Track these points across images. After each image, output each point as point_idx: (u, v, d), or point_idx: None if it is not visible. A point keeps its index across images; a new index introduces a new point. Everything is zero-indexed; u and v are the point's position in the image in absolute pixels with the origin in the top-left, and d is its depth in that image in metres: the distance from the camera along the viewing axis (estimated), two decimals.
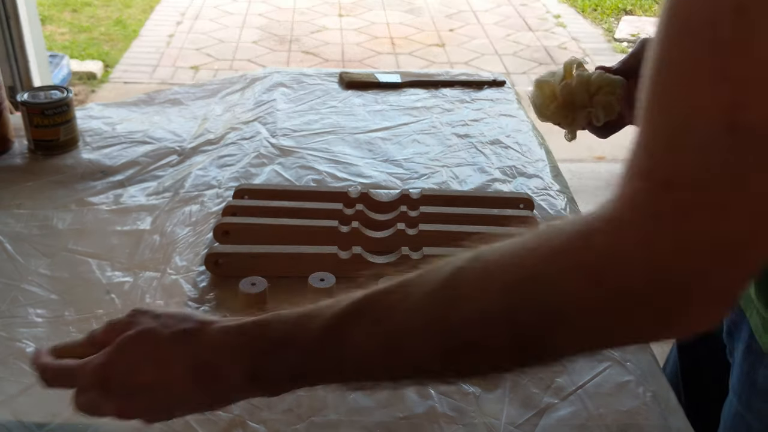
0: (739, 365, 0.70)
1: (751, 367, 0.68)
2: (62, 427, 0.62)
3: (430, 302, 0.44)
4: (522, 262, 0.41)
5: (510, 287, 0.41)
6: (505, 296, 0.41)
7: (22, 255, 0.84)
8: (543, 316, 0.40)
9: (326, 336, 0.46)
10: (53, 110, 1.05)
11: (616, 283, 0.37)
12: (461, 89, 1.37)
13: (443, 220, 0.89)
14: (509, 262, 0.42)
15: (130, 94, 1.50)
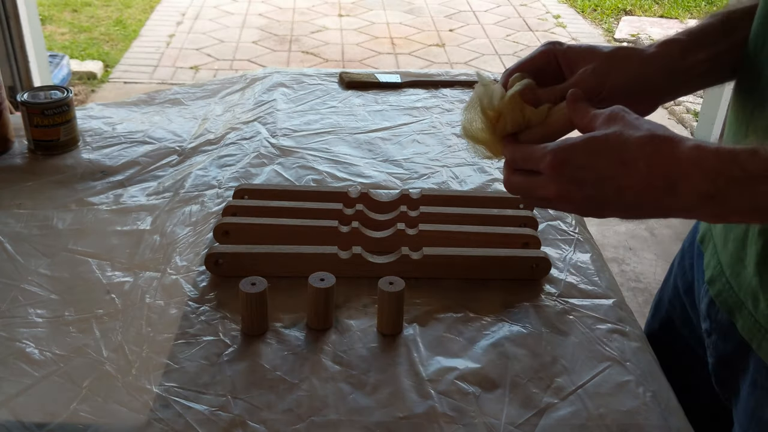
0: (745, 402, 0.69)
1: (758, 403, 0.67)
2: (62, 427, 0.62)
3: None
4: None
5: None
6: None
7: (22, 255, 0.84)
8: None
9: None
10: (53, 110, 1.05)
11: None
12: (461, 89, 1.37)
13: (443, 220, 0.89)
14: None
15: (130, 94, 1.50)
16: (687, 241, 0.86)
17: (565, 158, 0.55)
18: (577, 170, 0.55)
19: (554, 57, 0.66)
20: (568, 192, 0.56)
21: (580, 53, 0.66)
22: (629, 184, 0.53)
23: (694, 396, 0.78)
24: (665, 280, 0.91)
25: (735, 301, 0.68)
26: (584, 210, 0.58)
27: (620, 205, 0.55)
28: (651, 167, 0.52)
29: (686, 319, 0.83)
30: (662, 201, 0.53)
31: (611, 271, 0.88)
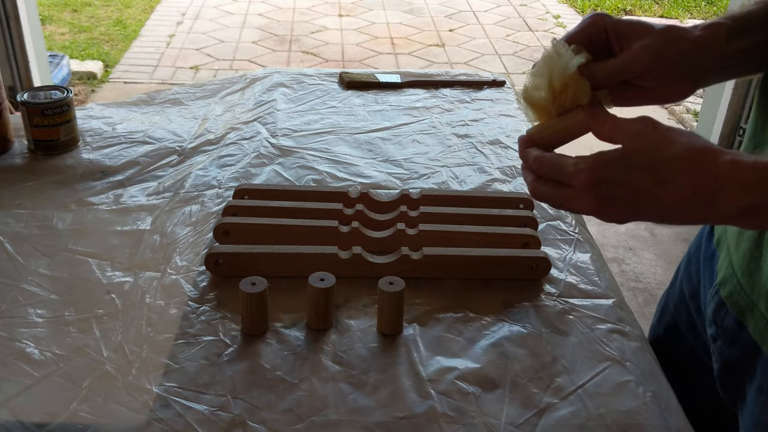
0: (751, 408, 0.69)
1: (764, 409, 0.66)
2: (62, 427, 0.62)
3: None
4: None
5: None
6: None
7: (22, 255, 0.84)
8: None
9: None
10: (53, 110, 1.05)
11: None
12: (461, 89, 1.37)
13: (443, 220, 0.89)
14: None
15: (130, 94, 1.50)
16: (693, 245, 0.85)
17: (601, 177, 0.55)
18: (612, 188, 0.55)
19: (604, 29, 0.64)
20: (604, 208, 0.56)
21: (632, 27, 0.64)
22: (667, 199, 0.53)
23: (698, 401, 0.78)
24: (671, 285, 0.91)
25: (747, 302, 0.67)
26: (620, 221, 0.58)
27: (657, 217, 0.56)
28: (688, 183, 0.52)
29: (691, 324, 0.83)
30: (700, 214, 0.54)
31: (611, 271, 0.88)
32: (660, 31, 0.63)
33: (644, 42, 0.62)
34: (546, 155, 0.60)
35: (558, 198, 0.59)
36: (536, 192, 0.61)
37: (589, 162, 0.55)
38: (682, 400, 0.69)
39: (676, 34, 0.63)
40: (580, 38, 0.65)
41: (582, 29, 0.65)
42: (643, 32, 0.63)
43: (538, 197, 0.61)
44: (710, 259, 0.78)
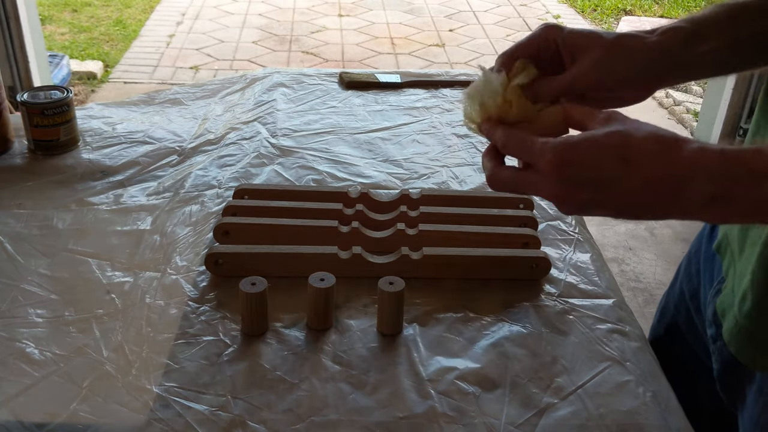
0: (751, 409, 0.68)
1: (763, 410, 0.66)
2: (62, 427, 0.62)
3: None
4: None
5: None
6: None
7: (22, 255, 0.84)
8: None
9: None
10: (53, 110, 1.05)
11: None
12: (461, 89, 1.37)
13: (443, 220, 0.89)
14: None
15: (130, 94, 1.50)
16: (694, 246, 0.85)
17: (569, 159, 0.52)
18: (579, 170, 0.52)
19: (554, 41, 0.63)
20: (566, 194, 0.53)
21: (581, 40, 0.63)
22: (632, 186, 0.51)
23: (698, 402, 0.78)
24: (671, 285, 0.91)
25: (729, 303, 0.68)
26: (578, 211, 0.55)
27: (619, 207, 0.53)
28: (655, 168, 0.51)
29: (691, 324, 0.83)
30: (665, 204, 0.51)
31: (611, 271, 0.88)
32: (610, 43, 0.62)
33: (592, 57, 0.62)
34: (512, 130, 0.58)
35: (519, 183, 0.56)
36: (496, 178, 0.58)
37: (557, 142, 0.53)
38: (682, 401, 0.69)
39: (627, 46, 0.62)
40: (527, 50, 0.64)
41: (530, 41, 0.64)
42: (591, 46, 0.62)
43: (496, 184, 0.58)
44: (710, 261, 0.78)
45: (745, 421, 0.69)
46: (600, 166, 0.52)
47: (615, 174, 0.52)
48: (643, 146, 0.52)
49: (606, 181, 0.52)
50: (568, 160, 0.52)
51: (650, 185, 0.51)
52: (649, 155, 0.51)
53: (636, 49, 0.62)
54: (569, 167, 0.52)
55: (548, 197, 0.54)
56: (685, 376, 0.81)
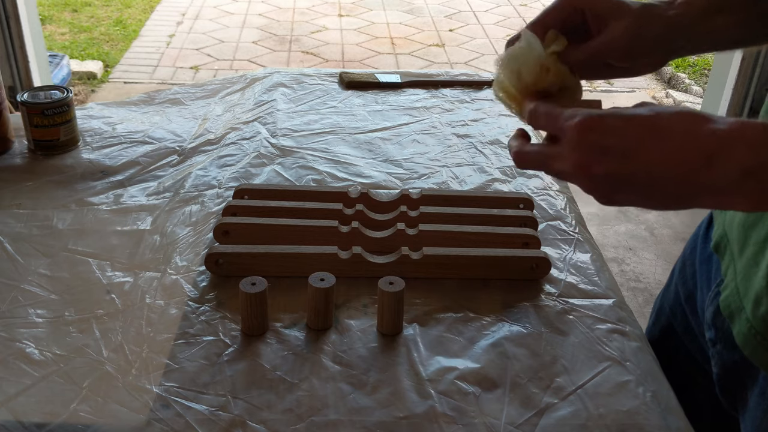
0: (753, 412, 0.68)
1: (766, 412, 0.66)
2: (62, 427, 0.62)
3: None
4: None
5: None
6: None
7: (22, 255, 0.84)
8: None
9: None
10: (53, 110, 1.05)
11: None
12: (461, 89, 1.37)
13: (443, 220, 0.89)
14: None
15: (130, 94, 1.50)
16: (688, 247, 0.85)
17: (593, 124, 0.50)
18: (603, 137, 0.50)
19: (581, 9, 0.62)
20: (589, 163, 0.50)
21: (609, 8, 0.62)
22: (660, 157, 0.48)
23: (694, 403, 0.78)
24: (666, 287, 0.90)
25: (737, 306, 0.67)
26: (601, 188, 0.52)
27: (644, 184, 0.50)
28: (687, 138, 0.48)
29: (687, 326, 0.82)
30: (696, 177, 0.48)
31: (611, 271, 0.88)
32: (637, 12, 0.62)
33: (622, 24, 0.61)
34: (543, 101, 0.57)
35: (544, 156, 0.54)
36: (521, 154, 0.57)
37: (584, 111, 0.52)
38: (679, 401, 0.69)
39: (653, 13, 0.62)
40: (555, 19, 0.63)
41: (557, 9, 0.63)
42: (619, 12, 0.62)
43: (522, 160, 0.57)
44: (706, 262, 0.78)
45: (747, 424, 0.69)
46: (626, 134, 0.50)
47: (642, 142, 0.49)
48: (674, 117, 0.49)
49: (632, 150, 0.49)
50: (592, 126, 0.50)
51: (682, 155, 0.48)
52: (681, 123, 0.49)
53: (658, 19, 0.62)
54: (593, 132, 0.50)
55: (571, 168, 0.52)
56: (681, 377, 0.81)
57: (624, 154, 0.49)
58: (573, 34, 0.63)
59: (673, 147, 0.48)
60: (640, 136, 0.49)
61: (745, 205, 0.48)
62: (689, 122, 0.49)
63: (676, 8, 0.63)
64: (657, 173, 0.49)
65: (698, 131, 0.48)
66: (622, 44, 0.62)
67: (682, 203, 0.50)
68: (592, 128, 0.50)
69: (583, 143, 0.51)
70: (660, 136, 0.49)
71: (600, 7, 0.62)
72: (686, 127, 0.48)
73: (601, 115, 0.51)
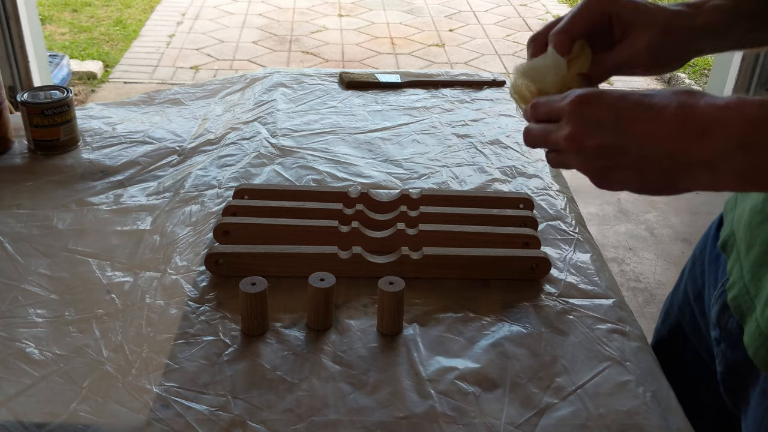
0: (754, 411, 0.68)
1: (766, 412, 0.66)
2: (62, 427, 0.62)
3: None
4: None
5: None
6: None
7: (22, 255, 0.84)
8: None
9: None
10: (53, 110, 1.05)
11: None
12: (461, 89, 1.37)
13: (443, 220, 0.89)
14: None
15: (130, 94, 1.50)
16: (698, 248, 0.85)
17: (589, 98, 0.52)
18: (598, 109, 0.51)
19: (608, 15, 0.62)
20: (582, 135, 0.51)
21: (635, 18, 0.62)
22: (653, 128, 0.48)
23: (702, 403, 0.78)
24: (675, 287, 0.90)
25: (748, 306, 0.67)
26: (594, 164, 0.52)
27: (637, 157, 0.50)
28: (683, 110, 0.48)
29: (695, 326, 0.82)
30: (689, 149, 0.48)
31: (611, 271, 0.88)
32: (663, 22, 0.62)
33: (647, 35, 0.61)
34: (542, 97, 0.59)
35: (545, 131, 0.56)
36: (526, 132, 0.59)
37: (582, 89, 0.54)
38: (686, 402, 0.68)
39: (679, 24, 0.62)
40: (582, 26, 0.63)
41: (584, 15, 0.63)
42: (645, 22, 0.62)
43: (527, 137, 0.59)
44: (715, 262, 0.78)
45: (749, 423, 0.69)
46: (620, 106, 0.50)
47: (635, 114, 0.50)
48: (670, 92, 0.50)
49: (625, 121, 0.50)
50: (588, 100, 0.52)
51: (674, 125, 0.48)
52: (675, 96, 0.49)
53: (686, 30, 0.62)
54: (588, 105, 0.52)
55: (564, 141, 0.53)
56: (689, 377, 0.81)
57: (617, 125, 0.50)
58: (597, 37, 0.64)
59: (667, 119, 0.48)
60: (634, 109, 0.50)
61: (734, 180, 0.48)
62: (685, 96, 0.49)
63: (703, 15, 0.63)
64: (650, 146, 0.49)
65: (694, 103, 0.48)
66: (645, 58, 0.62)
67: (674, 182, 0.50)
68: (587, 102, 0.52)
69: (578, 115, 0.52)
70: (655, 108, 0.49)
71: (627, 14, 0.62)
72: (682, 100, 0.49)
73: (598, 90, 0.52)
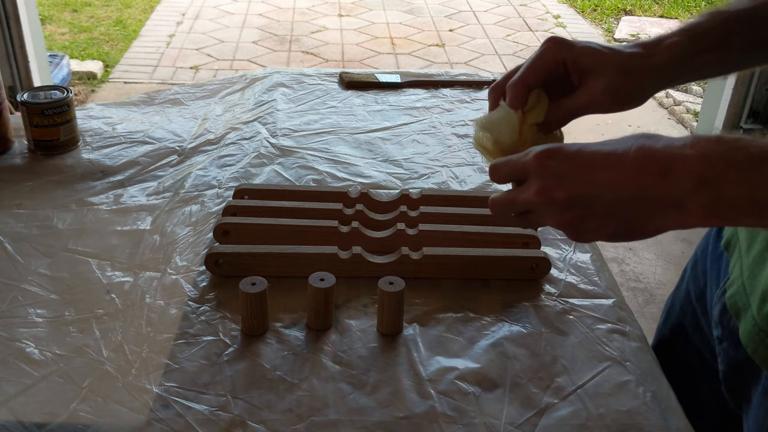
0: (755, 410, 0.68)
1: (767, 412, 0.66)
2: (62, 427, 0.62)
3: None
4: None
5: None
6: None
7: (22, 255, 0.84)
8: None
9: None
10: (53, 110, 1.05)
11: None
12: (461, 89, 1.37)
13: (443, 220, 0.89)
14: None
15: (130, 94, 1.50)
16: (700, 247, 0.85)
17: (551, 153, 0.53)
18: (562, 162, 0.52)
19: (563, 63, 0.64)
20: (550, 188, 0.53)
21: (590, 63, 0.63)
22: (617, 176, 0.50)
23: (704, 403, 0.78)
24: (677, 287, 0.91)
25: (743, 304, 0.67)
26: (567, 217, 0.54)
27: (607, 204, 0.51)
28: (642, 154, 0.50)
29: (697, 325, 0.83)
30: (655, 190, 0.49)
31: (611, 271, 0.88)
32: (619, 69, 0.63)
33: (603, 81, 0.62)
34: (500, 159, 0.60)
35: (512, 196, 0.57)
36: (492, 201, 0.60)
37: (542, 145, 0.55)
38: (688, 402, 0.68)
39: (635, 66, 0.63)
40: (538, 76, 0.64)
41: (539, 64, 0.64)
42: (601, 67, 0.63)
43: (494, 206, 0.60)
44: (717, 261, 0.78)
45: (750, 423, 0.69)
46: (582, 158, 0.52)
47: (598, 164, 0.51)
48: (628, 139, 0.52)
49: (590, 172, 0.51)
50: (550, 154, 0.53)
51: (637, 169, 0.49)
52: (633, 141, 0.51)
53: (643, 71, 0.63)
54: (552, 159, 0.53)
55: (535, 196, 0.54)
56: (691, 377, 0.81)
57: (581, 175, 0.52)
58: (556, 84, 0.65)
59: (629, 165, 0.50)
60: (593, 159, 0.52)
61: (702, 217, 0.49)
62: (643, 140, 0.51)
63: (660, 54, 0.64)
64: (617, 192, 0.51)
65: (653, 146, 0.50)
66: (603, 100, 0.63)
67: (645, 225, 0.52)
68: (550, 156, 0.53)
69: (544, 170, 0.53)
70: (614, 156, 0.51)
71: (583, 61, 0.64)
72: (640, 144, 0.50)
73: (557, 145, 0.54)
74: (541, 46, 0.65)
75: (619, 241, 0.55)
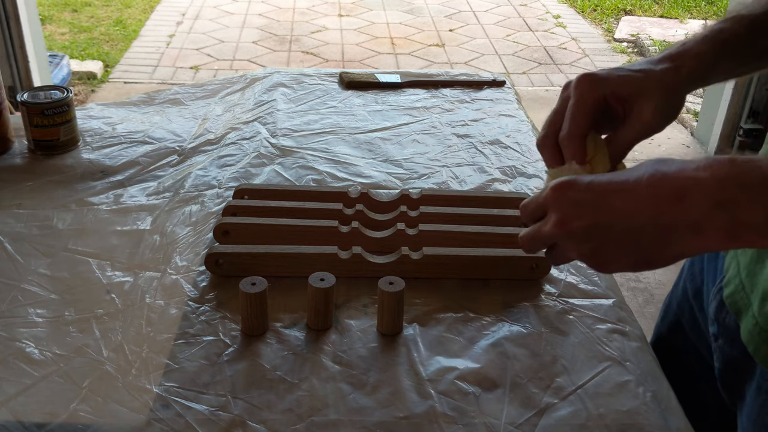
0: (749, 407, 0.69)
1: (762, 409, 0.66)
2: (62, 427, 0.62)
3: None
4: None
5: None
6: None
7: (22, 255, 0.84)
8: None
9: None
10: (53, 110, 1.05)
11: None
12: (461, 89, 1.37)
13: (443, 220, 0.89)
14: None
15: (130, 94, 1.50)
16: None
17: (568, 184, 0.54)
18: (577, 192, 0.53)
19: (603, 99, 0.63)
20: (568, 218, 0.54)
21: (631, 92, 0.62)
22: (633, 203, 0.51)
23: (701, 401, 0.78)
24: (675, 284, 0.91)
25: (744, 303, 0.67)
26: (588, 247, 0.54)
27: (625, 232, 0.52)
28: (656, 180, 0.50)
29: (694, 323, 0.83)
30: (671, 215, 0.49)
31: None
32: (658, 88, 0.63)
33: (650, 105, 0.62)
34: (527, 199, 0.60)
35: (536, 230, 0.58)
36: (522, 240, 0.60)
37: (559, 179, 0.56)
38: (686, 400, 0.69)
39: (672, 83, 0.63)
40: (587, 120, 0.63)
41: (584, 107, 0.63)
42: (643, 92, 0.62)
43: (522, 241, 0.60)
44: (714, 259, 0.78)
45: (744, 419, 0.70)
46: (597, 187, 0.53)
47: (613, 192, 0.52)
48: (641, 166, 0.52)
49: (605, 200, 0.52)
50: (566, 186, 0.54)
51: (652, 195, 0.50)
52: (646, 168, 0.51)
53: (679, 84, 0.64)
54: (567, 190, 0.54)
55: (554, 227, 0.55)
56: (689, 374, 0.81)
57: (597, 204, 0.53)
58: (601, 120, 0.64)
59: (644, 191, 0.50)
60: (608, 187, 0.52)
61: (718, 239, 0.49)
62: (657, 165, 0.51)
63: (688, 64, 0.64)
64: (633, 219, 0.51)
65: (666, 171, 0.50)
66: (654, 124, 0.63)
67: (666, 251, 0.52)
68: (565, 187, 0.54)
69: (560, 201, 0.54)
70: (628, 184, 0.52)
71: (622, 91, 0.63)
72: (654, 170, 0.51)
73: (572, 177, 0.55)
74: (575, 89, 0.63)
75: (641, 270, 0.55)
